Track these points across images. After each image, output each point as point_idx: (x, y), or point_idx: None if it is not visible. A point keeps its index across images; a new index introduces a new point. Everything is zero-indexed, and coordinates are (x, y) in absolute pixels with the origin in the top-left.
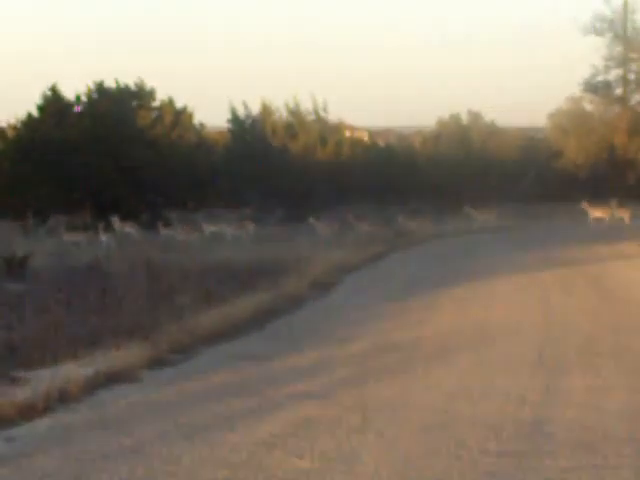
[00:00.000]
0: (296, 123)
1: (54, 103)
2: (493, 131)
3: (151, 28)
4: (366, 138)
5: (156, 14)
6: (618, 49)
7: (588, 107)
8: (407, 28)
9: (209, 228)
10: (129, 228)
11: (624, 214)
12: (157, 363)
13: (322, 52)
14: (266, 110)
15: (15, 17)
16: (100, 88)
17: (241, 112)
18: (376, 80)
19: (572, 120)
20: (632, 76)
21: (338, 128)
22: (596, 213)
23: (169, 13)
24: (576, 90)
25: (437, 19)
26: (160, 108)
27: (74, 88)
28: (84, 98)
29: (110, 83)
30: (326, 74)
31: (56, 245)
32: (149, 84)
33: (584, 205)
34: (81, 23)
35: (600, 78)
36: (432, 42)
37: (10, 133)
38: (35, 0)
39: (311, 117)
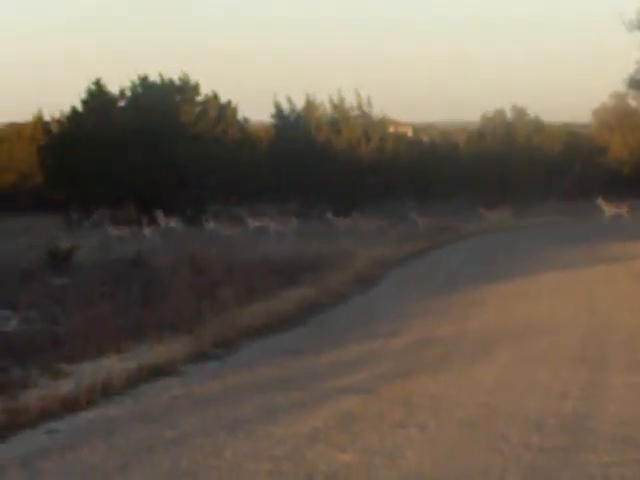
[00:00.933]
0: (340, 118)
1: (98, 97)
2: (538, 127)
3: (196, 23)
4: (410, 133)
5: (201, 9)
6: None
7: (632, 103)
8: (453, 25)
9: (253, 223)
10: (173, 223)
11: (622, 209)
12: (200, 357)
13: (368, 47)
14: (310, 105)
15: (59, 15)
16: (144, 82)
17: (285, 107)
18: (421, 75)
19: (616, 116)
20: None
21: (382, 123)
22: (612, 210)
23: (214, 8)
24: (621, 86)
25: (484, 17)
26: (204, 103)
27: (119, 82)
28: (128, 92)
29: (154, 77)
30: (371, 69)
31: (100, 239)
32: (193, 79)
33: (599, 202)
34: (126, 18)
35: None
36: (478, 39)
37: (54, 127)
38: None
39: (355, 112)
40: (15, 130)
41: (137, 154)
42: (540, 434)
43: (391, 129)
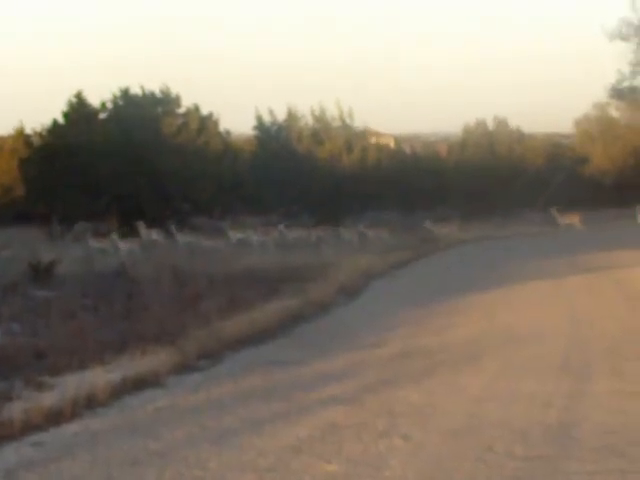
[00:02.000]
0: (322, 129)
1: (79, 110)
2: (519, 137)
3: (175, 35)
4: (392, 144)
5: (179, 21)
6: None
7: (614, 113)
8: (434, 36)
9: (235, 235)
10: (155, 235)
11: (574, 219)
12: (184, 368)
13: (348, 58)
14: (292, 117)
15: (40, 27)
16: (125, 95)
17: (267, 119)
18: (401, 86)
19: (598, 126)
20: None
21: (364, 134)
22: (566, 220)
23: (193, 20)
24: (603, 96)
25: (463, 26)
26: (186, 115)
27: (99, 95)
28: (110, 105)
29: (136, 90)
30: (352, 80)
31: (82, 251)
32: (174, 91)
33: (553, 212)
34: (105, 31)
35: (626, 84)
36: (458, 48)
37: (36, 140)
38: (59, 9)
39: (337, 123)
40: None
41: (119, 166)
42: (525, 443)
43: (373, 140)
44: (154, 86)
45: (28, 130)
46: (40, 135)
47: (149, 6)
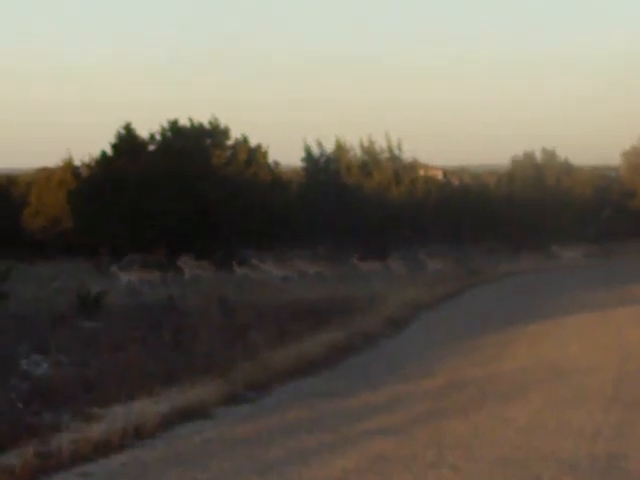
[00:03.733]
0: (370, 161)
1: (128, 142)
2: (567, 170)
3: (224, 66)
4: (440, 176)
5: (231, 52)
6: None
7: None
8: (483, 69)
9: (286, 266)
10: (203, 266)
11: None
12: (232, 399)
13: (399, 91)
14: (340, 148)
15: (89, 61)
16: (174, 127)
17: (315, 150)
18: (450, 119)
19: None
20: None
21: (412, 166)
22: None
23: (241, 52)
24: None
25: (512, 60)
26: (234, 146)
27: (148, 127)
28: (158, 137)
29: (184, 121)
30: (401, 112)
31: (130, 283)
32: (223, 122)
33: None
34: (153, 63)
35: None
36: (507, 82)
37: (84, 172)
38: (107, 40)
39: (385, 155)
40: (45, 175)
41: (167, 198)
42: (574, 475)
43: (421, 172)
44: (203, 118)
45: (76, 162)
46: (88, 167)
47: (197, 40)
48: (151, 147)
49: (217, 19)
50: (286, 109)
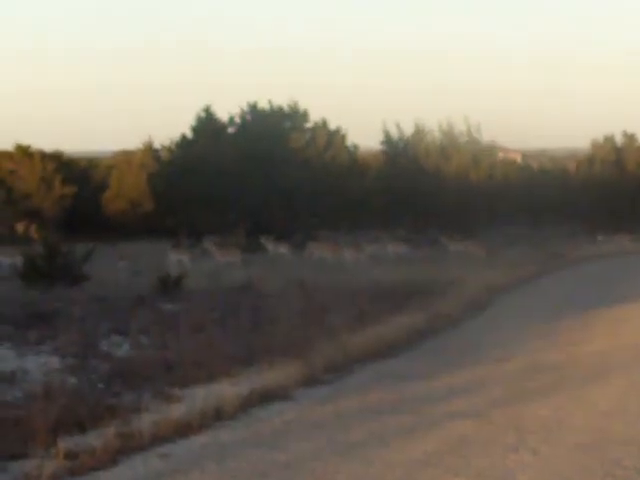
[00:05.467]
0: (449, 145)
1: (208, 124)
2: None
3: (307, 50)
4: (519, 160)
5: (312, 36)
6: None
7: None
8: (563, 49)
9: (365, 248)
10: (282, 248)
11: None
12: (311, 381)
13: (478, 75)
14: (419, 132)
15: (170, 44)
16: (253, 109)
17: (394, 134)
18: (530, 102)
19: None
20: None
21: (491, 150)
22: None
23: (325, 35)
24: None
25: (593, 48)
26: (313, 129)
27: (228, 109)
28: (237, 119)
29: (264, 104)
30: (480, 96)
31: (210, 265)
32: (302, 105)
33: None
34: (237, 46)
35: None
36: (587, 66)
37: (164, 154)
38: (189, 25)
39: (464, 139)
40: (125, 158)
41: (246, 181)
42: None
43: (500, 156)
44: (282, 101)
45: (157, 145)
46: (168, 149)
47: (277, 25)
48: (231, 130)
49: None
50: (366, 93)
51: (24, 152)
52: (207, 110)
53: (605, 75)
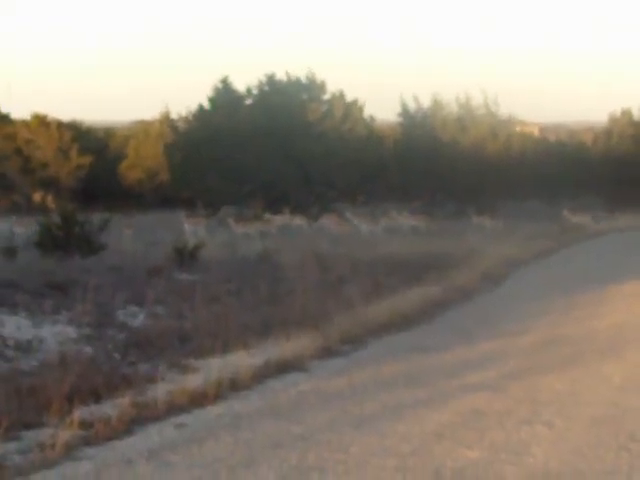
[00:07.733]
0: (466, 117)
1: (225, 95)
2: None
3: (323, 22)
4: (536, 133)
5: (328, 8)
6: None
7: None
8: (583, 25)
9: (381, 220)
10: (298, 220)
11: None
12: (327, 353)
13: (495, 47)
14: (437, 103)
15: (188, 16)
16: (271, 81)
17: (411, 106)
18: (548, 76)
19: None
20: None
21: (509, 122)
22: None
23: (340, 7)
24: None
25: (616, 17)
26: (330, 101)
27: (245, 80)
28: (255, 91)
29: (281, 76)
30: (498, 69)
31: (226, 236)
32: (320, 77)
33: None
34: (251, 17)
35: None
36: (609, 38)
37: (181, 125)
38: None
39: (482, 111)
40: (142, 128)
41: (263, 152)
42: None
43: (518, 128)
44: (300, 72)
45: (174, 115)
46: (186, 120)
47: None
48: (248, 101)
49: None
50: (383, 64)
51: (41, 122)
52: (224, 81)
53: (621, 48)
